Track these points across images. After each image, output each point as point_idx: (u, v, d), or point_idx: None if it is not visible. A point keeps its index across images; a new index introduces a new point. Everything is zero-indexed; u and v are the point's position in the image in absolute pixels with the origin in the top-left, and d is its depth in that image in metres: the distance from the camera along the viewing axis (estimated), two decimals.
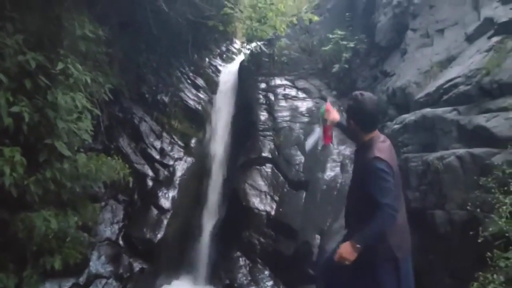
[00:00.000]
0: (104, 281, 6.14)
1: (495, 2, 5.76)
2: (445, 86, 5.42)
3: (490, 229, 3.72)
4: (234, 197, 7.60)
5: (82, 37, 5.39)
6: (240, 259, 6.96)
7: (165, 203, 7.48)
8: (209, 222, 8.00)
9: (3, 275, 4.40)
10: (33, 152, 4.65)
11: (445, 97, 5.35)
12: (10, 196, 4.32)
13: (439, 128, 5.10)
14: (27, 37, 4.67)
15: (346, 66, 8.86)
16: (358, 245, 2.87)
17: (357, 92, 3.25)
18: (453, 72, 5.56)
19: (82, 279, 5.91)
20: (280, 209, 7.23)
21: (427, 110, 5.38)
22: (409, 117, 5.61)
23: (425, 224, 4.75)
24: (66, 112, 4.83)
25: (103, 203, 6.90)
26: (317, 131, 3.63)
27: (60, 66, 4.71)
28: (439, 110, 5.20)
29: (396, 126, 5.78)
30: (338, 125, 3.51)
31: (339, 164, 7.52)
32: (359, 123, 3.19)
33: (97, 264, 6.24)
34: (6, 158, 4.20)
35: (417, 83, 6.23)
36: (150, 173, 7.74)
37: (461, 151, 4.63)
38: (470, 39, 5.93)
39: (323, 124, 3.49)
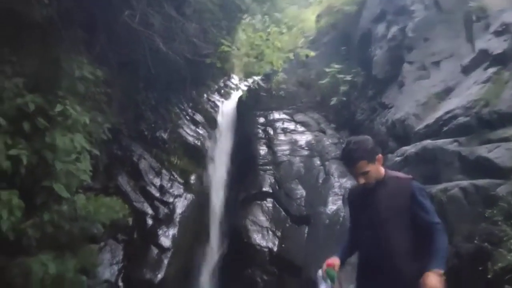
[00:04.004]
0: None
1: (489, 34, 5.86)
2: (444, 118, 5.43)
3: (500, 264, 3.62)
4: (235, 233, 7.47)
5: (80, 78, 5.43)
6: None
7: (165, 241, 7.33)
8: (210, 260, 7.82)
9: None
10: (30, 195, 4.57)
11: (445, 128, 5.35)
12: (7, 240, 4.22)
13: (441, 160, 5.07)
14: (26, 79, 4.69)
15: (344, 98, 8.92)
16: (442, 271, 2.55)
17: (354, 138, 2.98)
18: (452, 103, 5.59)
19: None
20: (283, 245, 7.08)
21: (428, 142, 5.37)
22: (410, 149, 5.59)
23: None
24: (65, 153, 4.79)
25: (102, 243, 6.75)
26: None
27: (58, 108, 4.71)
28: (440, 142, 5.19)
29: (397, 159, 5.75)
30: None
31: (341, 197, 7.43)
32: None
33: None
34: (3, 201, 4.13)
35: (416, 115, 6.24)
36: (150, 211, 7.61)
37: (465, 182, 4.58)
38: (466, 70, 5.99)
39: (333, 285, 2.89)
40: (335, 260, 2.97)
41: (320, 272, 2.96)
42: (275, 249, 7.06)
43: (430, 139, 5.46)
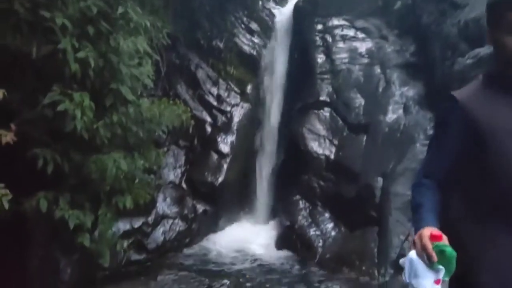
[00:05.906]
0: (171, 221, 6.44)
1: None
2: None
3: None
4: (292, 141, 7.58)
5: None
6: (300, 201, 7.02)
7: (224, 148, 7.59)
8: (267, 166, 8.07)
9: (80, 213, 4.68)
10: (99, 97, 4.77)
11: None
12: (82, 139, 4.50)
13: None
14: None
15: (409, 1, 8.26)
16: None
17: None
18: None
19: (150, 219, 6.22)
20: (340, 153, 7.12)
21: None
22: (484, 50, 5.18)
23: None
24: (128, 56, 4.88)
25: (165, 148, 7.10)
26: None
27: (120, 10, 4.69)
28: None
29: (468, 61, 5.37)
30: None
31: (402, 106, 7.22)
32: None
33: (163, 205, 6.52)
34: (76, 102, 4.33)
35: None
36: (209, 119, 7.82)
37: None
38: None
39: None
40: (437, 231, 1.48)
41: (412, 254, 1.48)
42: (332, 156, 7.13)
43: None
